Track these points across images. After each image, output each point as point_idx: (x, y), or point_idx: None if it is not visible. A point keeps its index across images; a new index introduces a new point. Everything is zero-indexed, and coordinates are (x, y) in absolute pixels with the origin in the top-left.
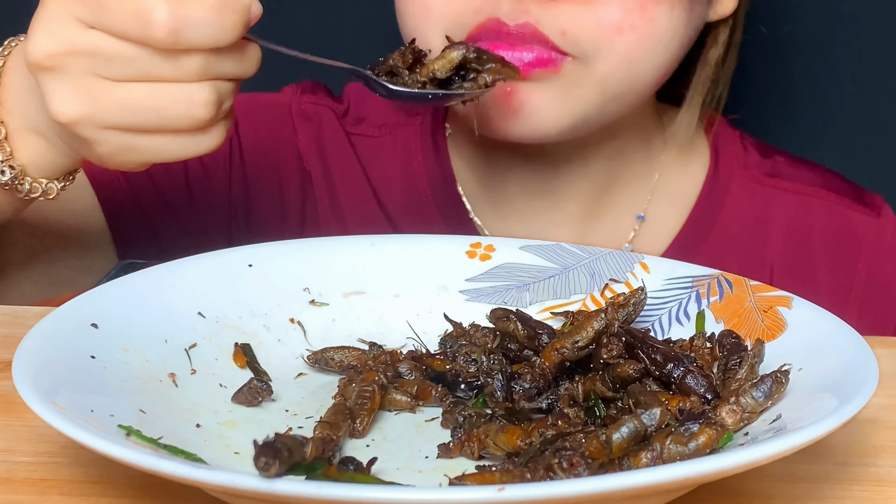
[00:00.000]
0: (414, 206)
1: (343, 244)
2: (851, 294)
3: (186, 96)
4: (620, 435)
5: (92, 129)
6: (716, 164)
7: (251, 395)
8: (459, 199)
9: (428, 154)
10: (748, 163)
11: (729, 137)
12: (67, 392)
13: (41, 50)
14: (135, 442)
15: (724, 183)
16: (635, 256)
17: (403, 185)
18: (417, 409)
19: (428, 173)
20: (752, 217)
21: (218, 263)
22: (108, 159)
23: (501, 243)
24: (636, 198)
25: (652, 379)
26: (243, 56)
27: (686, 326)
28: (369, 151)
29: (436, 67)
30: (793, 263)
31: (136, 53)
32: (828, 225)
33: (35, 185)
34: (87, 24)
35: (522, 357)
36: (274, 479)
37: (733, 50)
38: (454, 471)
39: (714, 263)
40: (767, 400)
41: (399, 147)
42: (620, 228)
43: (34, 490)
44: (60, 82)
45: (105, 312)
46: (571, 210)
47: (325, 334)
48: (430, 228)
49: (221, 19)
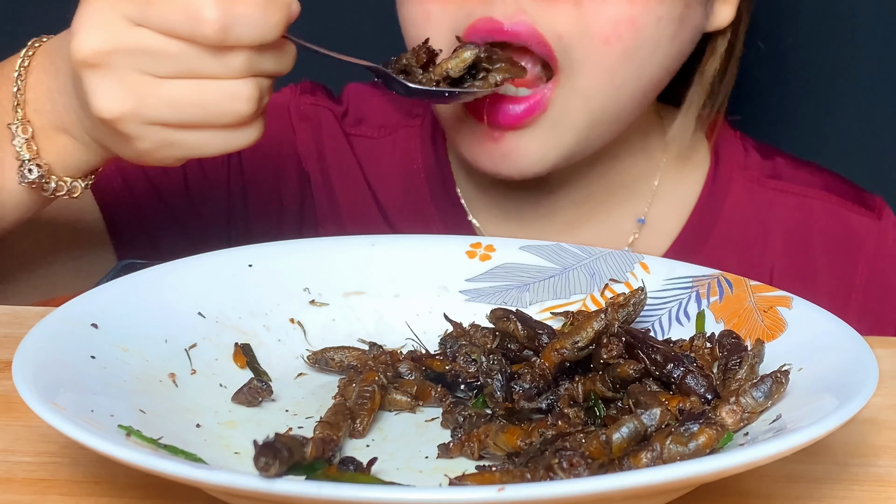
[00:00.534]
0: (412, 207)
1: (343, 244)
2: (851, 296)
3: (231, 92)
4: (620, 435)
5: (136, 126)
6: (716, 166)
7: (251, 395)
8: (458, 201)
9: (427, 155)
10: (748, 164)
11: (729, 139)
12: (67, 392)
13: (88, 47)
14: (135, 442)
15: (724, 185)
16: (635, 256)
17: (402, 186)
18: (417, 409)
19: (427, 174)
20: (753, 219)
21: (218, 263)
22: (147, 155)
23: (501, 243)
24: (636, 201)
25: (652, 379)
26: (282, 53)
27: (686, 326)
28: (369, 152)
29: (449, 66)
30: (793, 265)
31: (184, 50)
32: (828, 226)
33: (60, 184)
34: (135, 21)
35: (522, 357)
36: (274, 479)
37: (733, 63)
38: (454, 471)
39: (714, 265)
40: (767, 400)
41: (399, 148)
42: (621, 231)
43: (34, 490)
44: (106, 79)
45: (105, 312)
46: (570, 214)
47: (325, 334)
48: (429, 230)
49: (267, 17)
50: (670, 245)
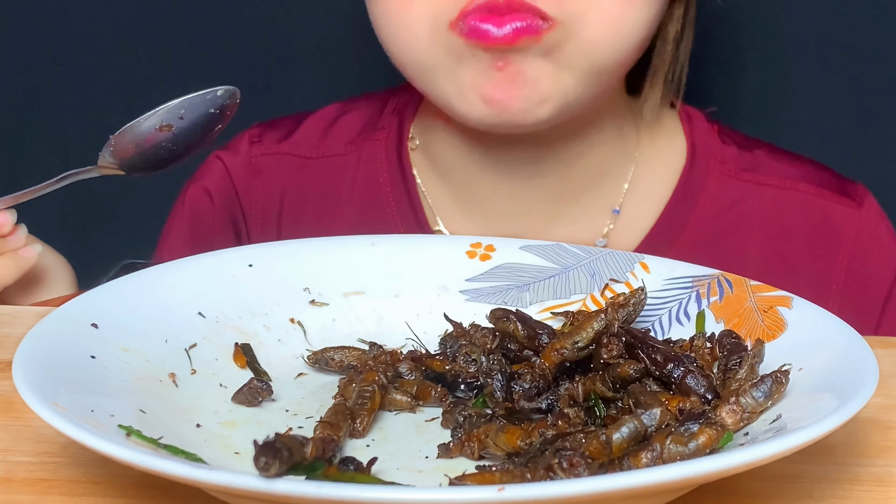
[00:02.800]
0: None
1: (343, 244)
2: (832, 287)
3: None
4: (620, 435)
5: None
6: (692, 159)
7: (251, 395)
8: (422, 211)
9: (392, 166)
10: (725, 157)
11: (706, 131)
12: (67, 392)
13: None
14: (135, 442)
15: (701, 178)
16: (635, 256)
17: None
18: (417, 409)
19: (392, 186)
20: (729, 213)
21: (218, 263)
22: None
23: (501, 243)
24: (611, 192)
25: (652, 379)
26: None
27: (686, 326)
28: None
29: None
30: (771, 259)
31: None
32: (807, 218)
33: None
34: None
35: (522, 357)
36: (274, 479)
37: (689, 27)
38: (454, 471)
39: (688, 259)
40: (767, 400)
41: (364, 162)
42: (596, 223)
43: (34, 490)
44: None
45: (105, 312)
46: (545, 209)
47: (325, 334)
48: None
49: None
50: (643, 238)
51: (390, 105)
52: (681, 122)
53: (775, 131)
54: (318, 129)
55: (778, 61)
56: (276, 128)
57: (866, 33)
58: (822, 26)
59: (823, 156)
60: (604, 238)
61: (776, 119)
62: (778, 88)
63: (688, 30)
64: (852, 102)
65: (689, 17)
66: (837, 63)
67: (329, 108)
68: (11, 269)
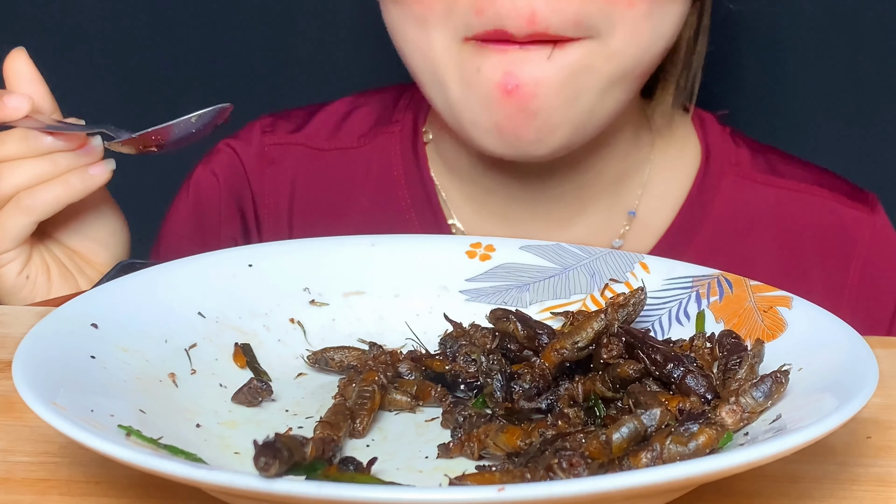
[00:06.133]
0: (393, 215)
1: (343, 244)
2: (844, 292)
3: None
4: (620, 435)
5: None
6: (706, 161)
7: (251, 395)
8: (438, 205)
9: (407, 161)
10: (739, 160)
11: (719, 134)
12: (67, 392)
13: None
14: (135, 442)
15: (715, 181)
16: (635, 256)
17: (382, 194)
18: (417, 409)
19: (407, 180)
20: (743, 215)
21: (218, 263)
22: None
23: (501, 243)
24: (627, 195)
25: (652, 379)
26: None
27: (686, 326)
28: (347, 165)
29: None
30: (785, 261)
31: None
32: (821, 221)
33: None
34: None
35: (522, 357)
36: (274, 479)
37: (703, 35)
38: (454, 471)
39: (703, 261)
40: (767, 400)
41: (377, 155)
42: (612, 225)
43: (34, 490)
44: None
45: (105, 312)
46: (561, 212)
47: (325, 334)
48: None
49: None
50: (658, 240)
51: (403, 99)
52: (694, 125)
53: (782, 143)
54: (330, 122)
55: (784, 69)
56: (288, 118)
57: (876, 41)
58: (827, 34)
59: (833, 165)
60: (620, 239)
61: (784, 130)
62: (786, 98)
63: (702, 37)
64: (862, 111)
65: (703, 24)
66: (843, 71)
67: (341, 102)
68: (76, 188)
